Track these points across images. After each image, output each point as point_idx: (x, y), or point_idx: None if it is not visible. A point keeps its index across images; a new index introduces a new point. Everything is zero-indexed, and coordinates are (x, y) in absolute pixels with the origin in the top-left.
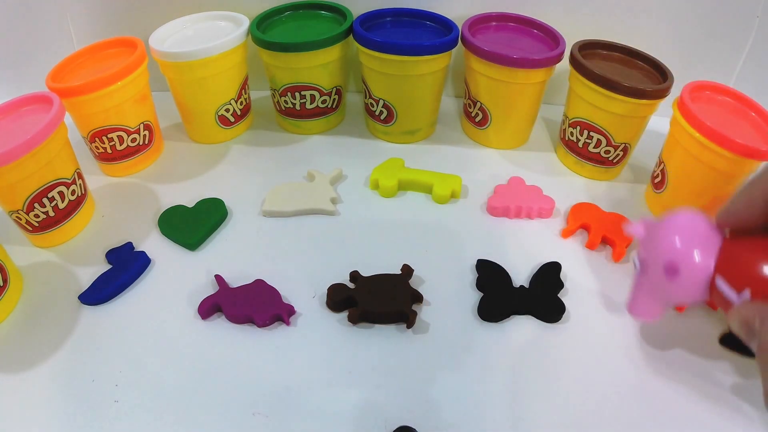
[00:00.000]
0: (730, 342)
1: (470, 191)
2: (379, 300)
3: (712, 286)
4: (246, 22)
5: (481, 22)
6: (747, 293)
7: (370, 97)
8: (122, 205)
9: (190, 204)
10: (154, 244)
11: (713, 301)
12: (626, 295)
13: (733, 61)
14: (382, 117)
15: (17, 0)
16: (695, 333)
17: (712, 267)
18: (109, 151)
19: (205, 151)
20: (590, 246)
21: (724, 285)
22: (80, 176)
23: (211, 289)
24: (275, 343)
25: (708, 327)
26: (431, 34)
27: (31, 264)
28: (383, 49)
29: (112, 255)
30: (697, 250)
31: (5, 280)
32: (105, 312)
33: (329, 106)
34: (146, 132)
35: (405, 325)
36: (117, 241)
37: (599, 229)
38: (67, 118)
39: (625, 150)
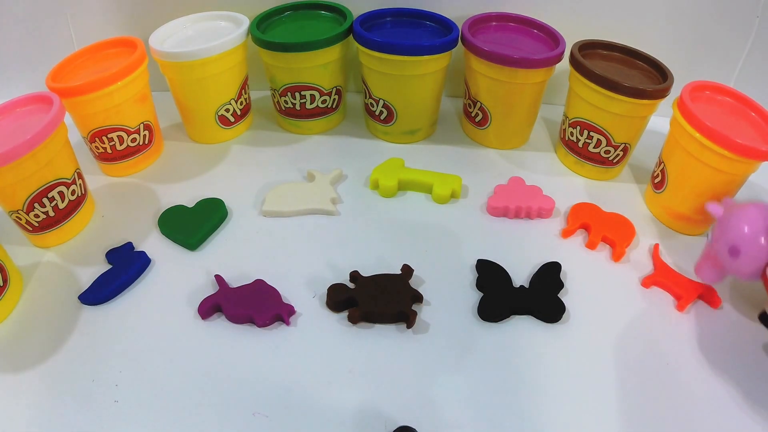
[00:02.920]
0: (766, 320)
1: (470, 191)
2: (379, 300)
3: (764, 274)
4: (246, 22)
5: (481, 22)
6: None
7: (370, 97)
8: (122, 205)
9: (190, 204)
10: (154, 244)
11: (764, 283)
12: (634, 290)
13: (733, 61)
14: (382, 117)
15: (18, 0)
16: (695, 333)
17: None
18: (109, 151)
19: (205, 151)
20: (590, 246)
21: None
22: (80, 176)
23: (211, 289)
24: (275, 343)
25: (708, 329)
26: (431, 34)
27: (31, 264)
28: (383, 49)
29: (112, 255)
30: (760, 242)
31: (5, 280)
32: (105, 312)
33: (329, 106)
34: (146, 132)
35: (405, 325)
36: (117, 241)
37: (599, 229)
38: (67, 118)
39: (625, 150)
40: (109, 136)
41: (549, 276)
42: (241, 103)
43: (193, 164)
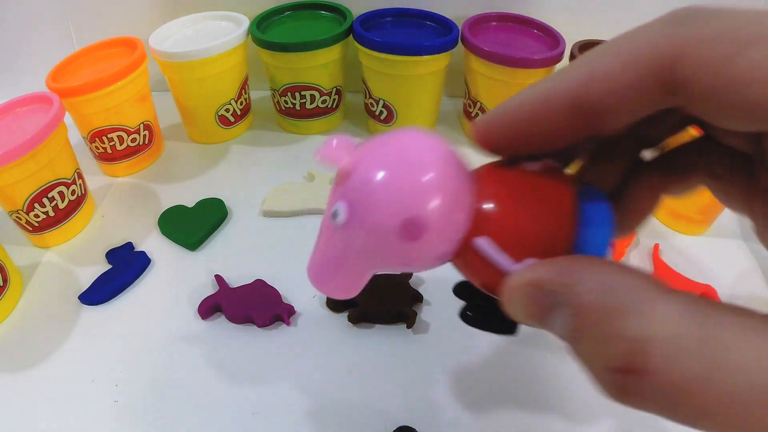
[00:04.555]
0: (472, 315)
1: None
2: (379, 300)
3: (462, 254)
4: (246, 22)
5: (481, 22)
6: (530, 261)
7: (370, 97)
8: (122, 205)
9: (190, 204)
10: (154, 244)
11: (462, 266)
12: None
13: None
14: (382, 117)
15: (18, 0)
16: None
17: (466, 227)
18: (109, 151)
19: (205, 151)
20: None
21: (494, 251)
22: (80, 176)
23: (211, 289)
24: (275, 343)
25: None
26: (431, 34)
27: (31, 264)
28: (383, 49)
29: (112, 255)
30: (448, 197)
31: (5, 280)
32: (105, 312)
33: (329, 106)
34: (146, 132)
35: (405, 325)
36: (117, 241)
37: None
38: (67, 118)
39: None
40: (109, 136)
41: None
42: (241, 103)
43: (193, 164)
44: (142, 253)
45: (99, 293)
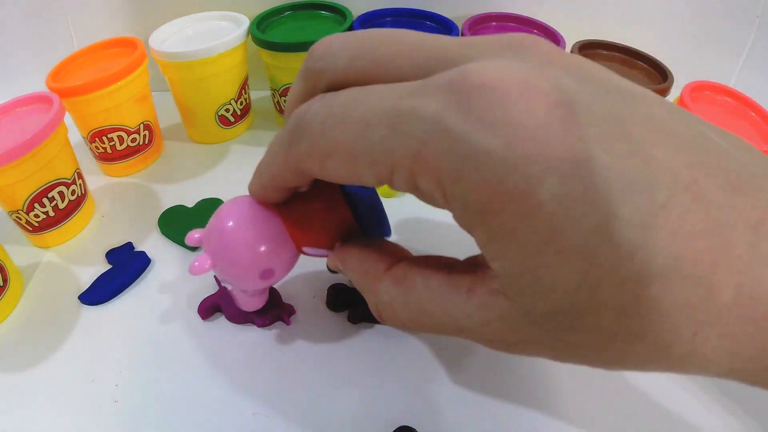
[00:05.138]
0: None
1: None
2: None
3: (301, 252)
4: (246, 22)
5: (481, 22)
6: (337, 245)
7: None
8: (122, 205)
9: (190, 204)
10: (154, 244)
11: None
12: None
13: (733, 61)
14: None
15: (18, 0)
16: None
17: (293, 246)
18: (109, 151)
19: (205, 151)
20: None
21: (314, 251)
22: (80, 176)
23: (211, 289)
24: (275, 343)
25: None
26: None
27: (31, 264)
28: None
29: (112, 255)
30: (272, 245)
31: (5, 280)
32: (105, 312)
33: None
34: (146, 132)
35: None
36: (117, 241)
37: None
38: (67, 118)
39: None
40: (109, 136)
41: None
42: (241, 103)
43: (193, 164)
44: (142, 253)
45: (99, 293)
